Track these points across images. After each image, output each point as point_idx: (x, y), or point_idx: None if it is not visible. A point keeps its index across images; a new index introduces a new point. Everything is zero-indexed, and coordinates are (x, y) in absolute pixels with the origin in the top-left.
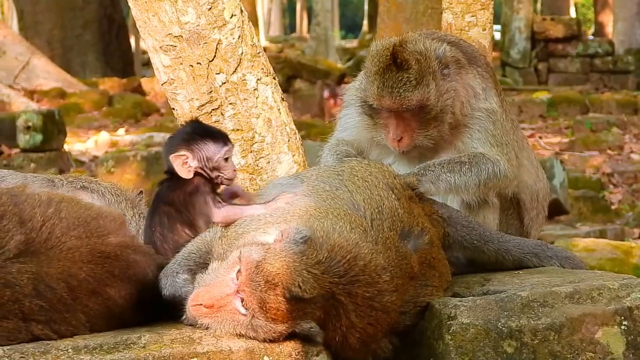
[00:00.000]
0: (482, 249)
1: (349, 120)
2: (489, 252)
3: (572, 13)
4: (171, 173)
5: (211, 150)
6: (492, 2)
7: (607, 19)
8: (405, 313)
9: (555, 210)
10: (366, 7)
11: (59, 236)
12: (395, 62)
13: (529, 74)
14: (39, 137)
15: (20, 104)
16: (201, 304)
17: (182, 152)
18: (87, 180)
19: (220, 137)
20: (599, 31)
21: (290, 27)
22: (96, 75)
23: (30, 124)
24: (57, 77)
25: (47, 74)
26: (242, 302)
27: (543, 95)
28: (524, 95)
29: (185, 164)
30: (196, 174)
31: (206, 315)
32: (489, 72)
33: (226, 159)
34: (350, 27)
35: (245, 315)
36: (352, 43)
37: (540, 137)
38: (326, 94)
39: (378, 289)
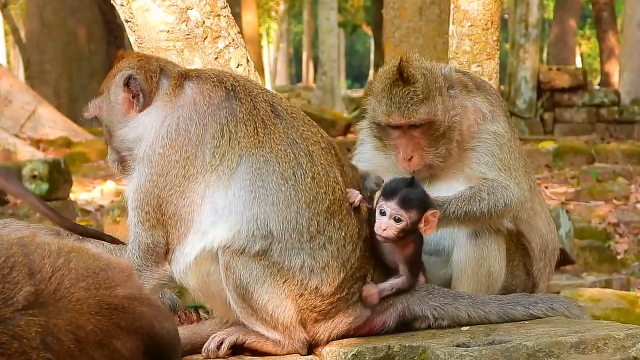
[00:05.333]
0: (453, 305)
1: (362, 156)
2: (463, 306)
3: (578, 63)
4: None
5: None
6: (498, 52)
7: (613, 69)
8: None
9: (561, 260)
10: (372, 56)
11: (67, 287)
12: (402, 77)
13: (535, 124)
14: (44, 186)
15: (26, 153)
16: None
17: None
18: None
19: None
20: (605, 81)
21: (296, 76)
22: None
23: (36, 173)
24: (63, 126)
25: (53, 123)
26: None
27: (549, 145)
28: (530, 145)
29: None
30: None
31: None
32: (498, 100)
33: None
34: (356, 77)
35: None
36: (358, 93)
37: (546, 187)
38: None
39: None
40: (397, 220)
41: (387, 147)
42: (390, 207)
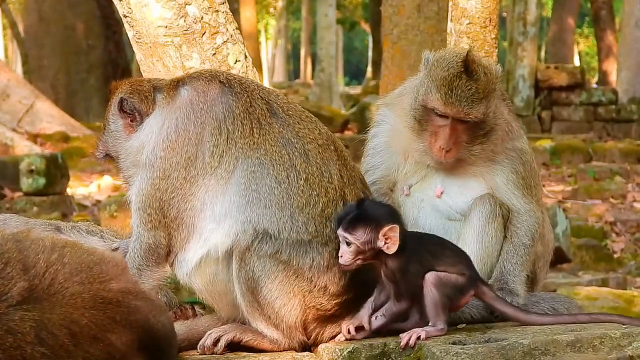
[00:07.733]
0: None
1: (379, 141)
2: (467, 308)
3: (576, 61)
4: None
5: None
6: (496, 50)
7: (611, 68)
8: None
9: (558, 258)
10: (370, 53)
11: (62, 282)
12: (467, 71)
13: (533, 122)
14: (42, 181)
15: (23, 147)
16: None
17: None
18: (85, 223)
19: None
20: (603, 80)
21: (294, 73)
22: (100, 120)
23: (33, 167)
24: (60, 121)
25: (51, 117)
26: None
27: (546, 144)
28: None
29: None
30: None
31: None
32: (512, 109)
33: None
34: (354, 74)
35: None
36: (356, 89)
37: (544, 185)
38: None
39: None
40: (348, 244)
41: (424, 132)
42: (339, 233)
